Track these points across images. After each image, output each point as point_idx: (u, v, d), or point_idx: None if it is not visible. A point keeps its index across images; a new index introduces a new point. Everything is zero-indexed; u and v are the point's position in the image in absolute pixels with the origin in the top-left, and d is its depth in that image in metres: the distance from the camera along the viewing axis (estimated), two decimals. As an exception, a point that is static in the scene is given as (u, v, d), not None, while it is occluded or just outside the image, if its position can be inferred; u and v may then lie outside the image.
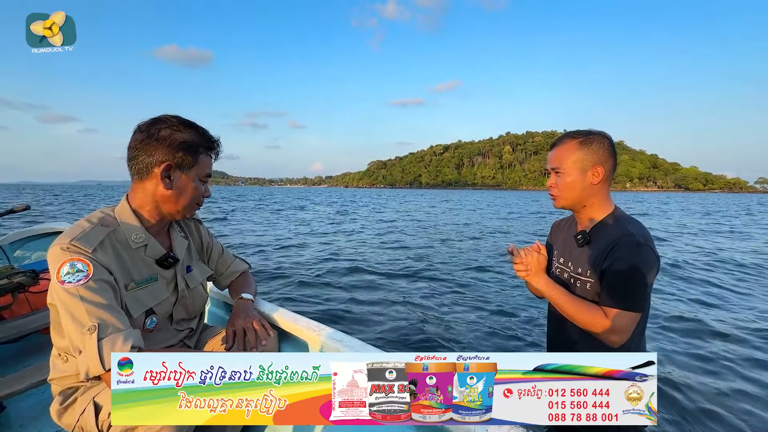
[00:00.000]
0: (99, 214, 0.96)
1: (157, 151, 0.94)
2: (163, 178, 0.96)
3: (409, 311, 3.87)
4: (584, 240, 1.16)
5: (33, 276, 1.73)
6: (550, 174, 1.21)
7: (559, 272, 1.27)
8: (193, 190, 1.02)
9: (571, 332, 1.21)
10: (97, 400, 0.89)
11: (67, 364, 0.92)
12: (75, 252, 0.84)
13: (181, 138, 0.96)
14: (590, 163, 1.12)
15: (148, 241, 0.99)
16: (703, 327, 3.47)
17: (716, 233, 11.81)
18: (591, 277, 1.12)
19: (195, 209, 1.08)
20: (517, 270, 1.20)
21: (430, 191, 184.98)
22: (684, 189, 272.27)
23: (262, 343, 1.11)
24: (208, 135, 1.04)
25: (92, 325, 0.79)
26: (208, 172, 1.05)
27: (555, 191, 1.18)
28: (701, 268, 6.15)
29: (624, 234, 1.07)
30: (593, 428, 1.20)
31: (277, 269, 5.78)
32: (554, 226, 1.43)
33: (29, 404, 1.43)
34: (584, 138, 1.13)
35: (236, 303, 1.22)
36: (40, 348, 1.79)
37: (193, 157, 0.99)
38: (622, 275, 1.04)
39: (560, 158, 1.15)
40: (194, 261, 1.18)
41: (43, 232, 2.48)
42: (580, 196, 1.15)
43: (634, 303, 1.03)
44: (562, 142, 1.17)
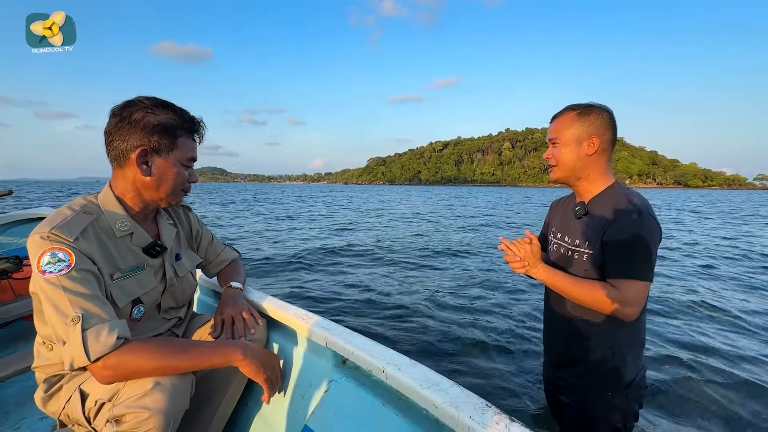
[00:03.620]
0: (81, 201, 0.93)
1: (130, 135, 0.89)
2: (140, 164, 0.91)
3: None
4: (582, 211, 1.16)
5: (17, 262, 1.71)
6: (548, 146, 1.22)
7: (557, 247, 1.26)
8: (174, 175, 0.97)
9: (575, 329, 1.19)
10: (83, 387, 0.88)
11: (52, 353, 0.91)
12: (56, 241, 0.81)
13: (155, 120, 0.91)
14: (586, 134, 1.12)
15: (134, 229, 0.97)
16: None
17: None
18: (589, 248, 1.11)
19: (181, 196, 1.03)
20: (514, 267, 1.17)
21: (429, 187, 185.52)
22: (683, 186, 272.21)
23: (250, 331, 1.11)
24: (188, 116, 0.98)
25: (75, 315, 0.77)
26: (191, 155, 0.99)
27: (552, 161, 1.19)
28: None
29: (624, 204, 1.07)
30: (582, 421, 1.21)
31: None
32: (553, 204, 1.43)
33: (14, 391, 1.42)
34: (583, 110, 1.14)
35: (225, 291, 1.22)
36: (24, 335, 1.76)
37: (170, 140, 0.93)
38: (627, 244, 1.03)
39: (558, 129, 1.16)
40: (183, 249, 1.17)
41: (26, 217, 2.43)
42: (576, 167, 1.15)
43: (644, 271, 1.02)
44: (562, 114, 1.17)
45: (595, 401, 1.19)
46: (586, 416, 1.20)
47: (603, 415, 1.18)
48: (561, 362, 1.29)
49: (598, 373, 1.17)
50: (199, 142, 1.03)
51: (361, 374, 0.99)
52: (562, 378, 1.28)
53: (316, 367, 1.07)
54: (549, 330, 1.37)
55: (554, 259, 1.28)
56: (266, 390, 1.00)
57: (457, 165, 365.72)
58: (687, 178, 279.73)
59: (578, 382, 1.22)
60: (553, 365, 1.34)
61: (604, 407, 1.18)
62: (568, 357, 1.25)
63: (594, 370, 1.18)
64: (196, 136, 1.01)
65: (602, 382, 1.17)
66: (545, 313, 1.39)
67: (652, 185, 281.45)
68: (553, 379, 1.35)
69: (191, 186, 1.04)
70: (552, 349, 1.35)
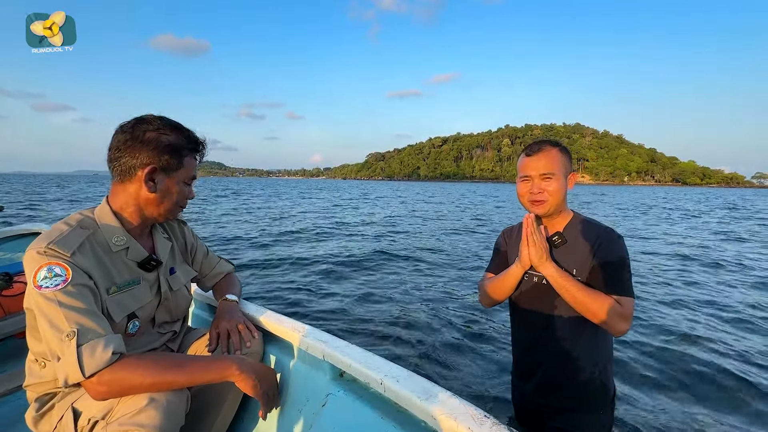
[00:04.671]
0: (77, 216, 0.93)
1: (141, 153, 0.91)
2: (147, 181, 0.93)
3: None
4: (562, 241, 1.21)
5: (6, 279, 1.70)
6: (530, 180, 1.20)
7: (528, 278, 1.26)
8: (177, 193, 1.00)
9: (561, 351, 1.20)
10: (76, 406, 0.87)
11: (45, 370, 0.90)
12: (52, 256, 0.81)
13: (167, 141, 0.94)
14: (569, 169, 1.21)
15: (130, 244, 0.97)
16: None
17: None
18: (577, 274, 1.16)
19: (178, 212, 1.06)
20: (531, 256, 1.16)
21: (428, 183, 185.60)
22: (681, 183, 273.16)
23: (246, 345, 1.10)
24: (194, 137, 1.02)
25: (71, 331, 0.77)
26: (193, 174, 1.04)
27: (544, 196, 1.18)
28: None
29: (603, 230, 1.18)
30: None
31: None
32: (505, 233, 1.43)
33: (4, 411, 1.38)
34: (562, 146, 1.21)
35: (221, 305, 1.21)
36: (14, 353, 1.72)
37: (178, 160, 0.97)
38: (618, 266, 1.13)
39: (552, 164, 1.18)
40: (178, 263, 1.16)
41: (17, 233, 2.37)
42: (562, 201, 1.20)
43: (632, 289, 1.13)
44: (546, 149, 1.19)
45: (589, 424, 1.21)
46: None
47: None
48: (546, 388, 1.26)
49: (588, 393, 1.20)
50: (199, 161, 1.06)
51: (359, 387, 0.98)
52: (551, 405, 1.26)
53: (314, 380, 1.06)
54: (527, 356, 1.33)
55: (526, 290, 1.27)
56: (263, 405, 0.99)
57: (456, 161, 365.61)
58: (685, 175, 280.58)
59: (570, 406, 1.23)
60: (537, 392, 1.29)
61: (597, 428, 1.21)
62: (556, 381, 1.24)
63: (584, 390, 1.20)
64: (197, 155, 1.05)
65: (593, 403, 1.22)
66: (519, 340, 1.36)
67: (651, 182, 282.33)
68: (536, 406, 1.30)
69: (188, 202, 1.07)
70: (533, 375, 1.29)
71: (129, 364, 0.80)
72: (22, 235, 2.37)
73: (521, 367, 1.37)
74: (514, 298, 1.33)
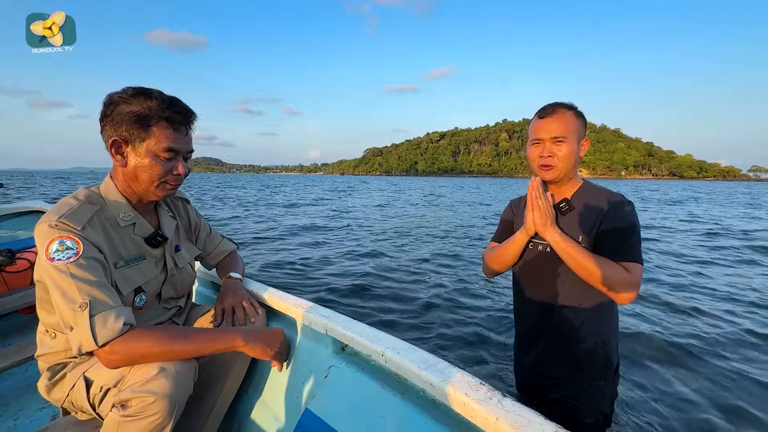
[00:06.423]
0: (84, 191, 0.94)
1: (106, 126, 0.89)
2: (114, 154, 0.91)
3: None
4: (569, 207, 1.18)
5: (9, 256, 1.72)
6: (541, 143, 1.15)
7: (533, 246, 1.23)
8: (149, 166, 0.91)
9: (564, 321, 1.17)
10: (88, 375, 0.90)
11: (55, 341, 0.93)
12: (64, 229, 0.83)
13: (128, 109, 0.87)
14: (582, 134, 1.16)
15: (137, 219, 0.98)
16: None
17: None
18: (582, 241, 1.13)
19: (167, 188, 0.97)
20: (536, 220, 1.13)
21: (427, 178, 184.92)
22: (678, 177, 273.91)
23: (250, 320, 1.13)
24: (166, 102, 0.90)
25: (84, 302, 0.79)
26: (167, 145, 0.90)
27: (554, 161, 1.13)
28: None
29: (612, 196, 1.14)
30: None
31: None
32: (514, 204, 1.40)
33: (12, 382, 1.44)
34: (577, 110, 1.15)
35: (225, 282, 1.23)
36: (19, 328, 1.77)
37: (142, 130, 0.88)
38: (626, 231, 1.09)
39: (564, 128, 1.12)
40: (182, 241, 1.18)
41: (19, 210, 2.40)
42: (573, 167, 1.16)
43: (640, 255, 1.08)
44: (559, 111, 1.13)
45: (590, 394, 1.18)
46: (582, 411, 1.18)
47: (598, 406, 1.18)
48: (548, 358, 1.25)
49: (591, 363, 1.17)
50: (187, 130, 0.96)
51: (361, 359, 1.01)
52: (552, 375, 1.24)
53: (317, 354, 1.09)
54: (529, 325, 1.31)
55: (529, 259, 1.25)
56: (278, 364, 1.08)
57: (453, 156, 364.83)
58: (682, 169, 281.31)
59: (572, 376, 1.20)
60: (538, 363, 1.27)
61: (599, 398, 1.18)
62: (558, 351, 1.22)
63: (587, 360, 1.17)
64: (177, 124, 0.93)
65: (596, 373, 1.18)
66: (521, 311, 1.34)
67: (648, 176, 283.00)
68: (538, 377, 1.29)
69: (181, 178, 0.98)
70: (534, 347, 1.28)
71: (139, 335, 0.83)
72: (23, 212, 2.39)
73: (523, 338, 1.34)
74: (518, 268, 1.30)
